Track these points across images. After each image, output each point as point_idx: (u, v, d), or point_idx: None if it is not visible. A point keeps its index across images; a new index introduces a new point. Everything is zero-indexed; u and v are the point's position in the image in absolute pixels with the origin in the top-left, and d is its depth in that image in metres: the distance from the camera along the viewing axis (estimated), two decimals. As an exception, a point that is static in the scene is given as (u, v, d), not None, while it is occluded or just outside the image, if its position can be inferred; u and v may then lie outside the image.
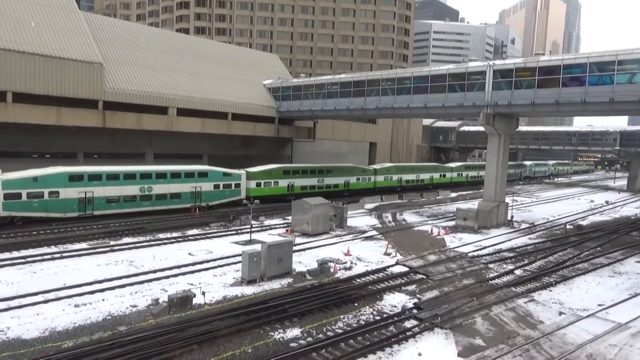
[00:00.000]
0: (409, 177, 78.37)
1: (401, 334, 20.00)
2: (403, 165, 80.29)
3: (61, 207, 39.66)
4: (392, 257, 33.37)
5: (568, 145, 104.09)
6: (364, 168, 71.00)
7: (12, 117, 43.49)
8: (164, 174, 46.15)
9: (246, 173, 53.64)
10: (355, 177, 68.20)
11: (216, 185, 50.11)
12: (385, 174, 73.78)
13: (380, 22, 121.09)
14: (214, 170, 50.18)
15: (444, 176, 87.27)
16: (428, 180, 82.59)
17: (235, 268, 28.70)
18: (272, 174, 56.83)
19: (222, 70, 66.61)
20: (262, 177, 55.64)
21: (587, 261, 34.12)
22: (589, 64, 39.26)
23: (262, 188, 55.31)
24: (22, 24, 45.85)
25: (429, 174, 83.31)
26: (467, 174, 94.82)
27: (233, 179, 51.87)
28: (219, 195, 50.57)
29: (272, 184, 56.52)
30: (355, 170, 69.02)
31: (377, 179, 71.90)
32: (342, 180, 65.89)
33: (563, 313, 23.42)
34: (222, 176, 50.75)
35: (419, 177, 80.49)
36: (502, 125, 47.00)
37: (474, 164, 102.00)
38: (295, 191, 58.94)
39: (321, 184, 62.58)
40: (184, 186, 47.47)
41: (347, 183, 66.60)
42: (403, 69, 60.48)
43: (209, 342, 18.40)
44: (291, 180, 58.96)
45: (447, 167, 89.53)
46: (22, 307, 21.51)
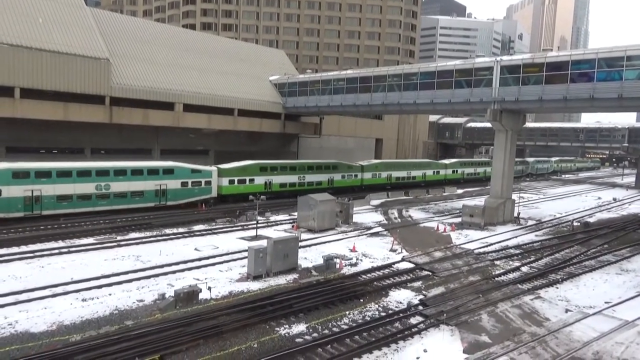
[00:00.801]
0: (400, 174, 75.07)
1: (406, 330, 20.01)
2: (393, 161, 77.48)
3: (4, 207, 36.63)
4: (397, 253, 33.34)
5: (576, 142, 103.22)
6: (349, 164, 67.61)
7: (20, 112, 43.76)
8: (123, 170, 43.39)
9: (218, 170, 50.81)
10: (340, 175, 65.06)
11: (184, 183, 47.12)
12: (373, 170, 70.69)
13: (387, 17, 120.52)
14: (181, 167, 47.20)
15: (437, 173, 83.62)
16: (420, 178, 79.23)
17: (241, 263, 28.80)
18: (248, 171, 53.79)
19: (229, 66, 66.61)
20: (236, 174, 52.54)
21: (594, 258, 33.92)
22: (598, 60, 38.91)
23: (235, 186, 52.29)
24: (29, 20, 46.03)
25: (421, 170, 79.84)
26: (463, 170, 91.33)
27: (203, 176, 48.92)
28: (187, 193, 47.57)
29: (248, 181, 53.40)
30: (340, 166, 65.71)
31: (364, 176, 68.89)
32: (325, 178, 62.85)
33: (569, 310, 23.32)
34: (190, 173, 47.75)
35: (410, 174, 77.12)
36: (509, 122, 46.71)
37: (470, 160, 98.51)
38: (274, 189, 56.35)
39: (302, 182, 59.80)
40: (146, 184, 44.64)
41: (331, 180, 63.45)
42: (410, 65, 60.35)
43: (215, 336, 18.50)
44: (269, 178, 55.95)
45: (441, 164, 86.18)
46: (30, 301, 21.72)
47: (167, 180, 46.14)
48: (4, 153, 47.04)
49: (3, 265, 27.03)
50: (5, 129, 45.94)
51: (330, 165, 64.60)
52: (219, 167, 51.92)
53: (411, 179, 77.26)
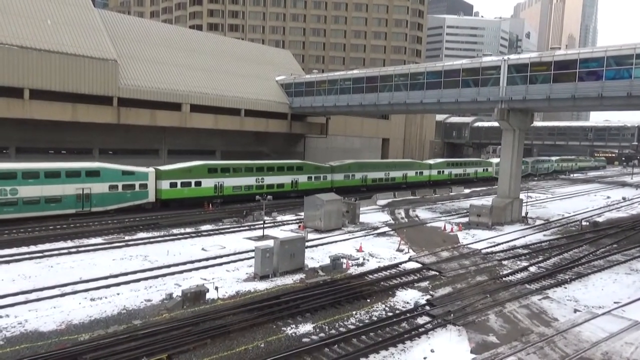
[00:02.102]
0: (376, 175, 69.90)
1: (413, 331, 19.97)
2: (368, 161, 72.37)
3: None
4: (404, 253, 33.27)
5: (584, 141, 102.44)
6: (317, 165, 62.53)
7: (29, 113, 44.15)
8: (35, 172, 38.50)
9: (155, 171, 46.01)
10: (305, 176, 59.97)
11: (112, 187, 42.59)
12: (345, 171, 65.57)
13: (393, 17, 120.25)
14: (109, 168, 42.77)
15: (420, 174, 77.99)
16: (400, 179, 73.77)
17: (248, 263, 28.88)
18: (193, 172, 48.73)
19: (235, 67, 66.79)
20: (178, 176, 47.57)
21: (603, 258, 33.67)
22: (607, 58, 38.59)
23: (178, 189, 47.34)
24: (38, 22, 46.44)
25: (401, 171, 74.37)
26: (450, 171, 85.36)
27: (137, 179, 44.31)
28: (117, 198, 43.05)
29: (193, 184, 48.47)
30: (306, 167, 60.76)
31: (334, 178, 63.86)
32: (288, 180, 57.95)
33: (578, 310, 23.17)
34: (120, 175, 43.22)
35: (388, 176, 71.69)
36: (517, 121, 46.46)
37: (459, 160, 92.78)
38: (226, 193, 51.39)
39: (261, 184, 54.56)
40: (65, 188, 39.80)
41: (295, 183, 58.58)
42: (416, 65, 60.14)
43: (222, 336, 18.56)
44: (220, 180, 50.74)
45: (425, 164, 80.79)
46: (39, 300, 21.92)
47: (92, 183, 41.44)
48: (14, 154, 47.54)
49: (13, 265, 27.30)
50: (14, 129, 46.41)
51: (294, 166, 59.49)
52: (158, 168, 47.23)
53: (390, 180, 71.94)
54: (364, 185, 67.56)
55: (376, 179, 69.84)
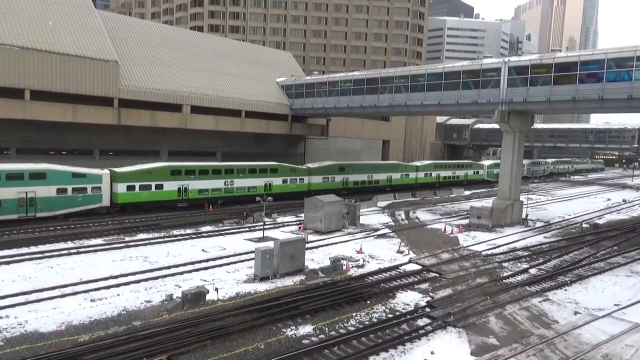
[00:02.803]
0: (358, 177, 66.91)
1: (414, 332, 19.95)
2: (350, 163, 68.43)
3: None
4: (404, 255, 33.26)
5: (584, 143, 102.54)
6: (293, 167, 59.51)
7: (30, 114, 44.20)
8: None
9: (110, 173, 43.17)
10: (280, 179, 56.99)
11: (61, 190, 39.50)
12: (325, 173, 62.52)
13: (394, 18, 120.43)
14: (56, 170, 39.69)
15: (406, 176, 75.19)
16: (384, 182, 71.05)
17: (248, 265, 28.87)
18: (154, 175, 45.68)
19: (236, 68, 66.87)
20: (136, 179, 44.47)
21: (604, 260, 33.64)
22: (607, 60, 38.62)
23: (136, 193, 44.36)
24: (39, 23, 46.51)
25: (385, 173, 71.54)
26: (439, 174, 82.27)
27: (88, 181, 41.34)
28: (67, 202, 40.04)
29: (154, 187, 45.47)
30: (281, 170, 57.44)
31: (311, 181, 60.76)
32: (261, 182, 54.71)
33: (578, 313, 23.15)
34: (70, 177, 40.12)
35: (371, 178, 68.88)
36: (517, 123, 46.49)
37: (447, 162, 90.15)
38: (190, 196, 48.59)
39: (230, 187, 51.60)
40: (5, 191, 36.80)
41: (268, 186, 55.56)
42: (417, 66, 60.08)
43: (222, 337, 18.55)
44: (184, 183, 47.77)
45: (411, 166, 77.73)
46: (39, 301, 21.92)
47: (37, 186, 38.37)
48: (15, 154, 47.59)
49: (13, 266, 27.30)
50: (15, 130, 46.48)
51: (267, 168, 56.11)
52: (113, 169, 44.09)
53: (373, 183, 69.25)
54: (344, 189, 64.10)
55: (358, 182, 66.94)
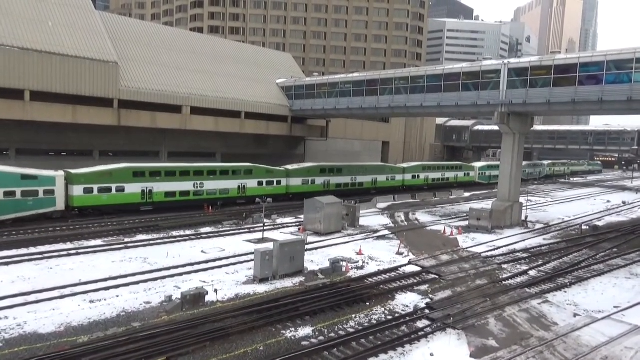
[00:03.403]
0: (341, 180, 64.62)
1: (413, 334, 19.94)
2: (331, 165, 65.59)
3: None
4: (404, 256, 33.25)
5: (584, 145, 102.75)
6: (269, 169, 56.60)
7: (30, 115, 44.18)
8: None
9: (65, 175, 40.60)
10: (255, 181, 54.22)
11: (9, 193, 36.64)
12: (304, 175, 59.95)
13: (394, 20, 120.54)
14: (3, 172, 36.88)
15: (392, 179, 73.00)
16: (369, 184, 68.84)
17: (247, 266, 28.85)
18: (115, 177, 43.13)
19: (236, 69, 66.90)
20: (95, 181, 41.81)
21: (603, 262, 33.64)
22: (607, 62, 38.65)
23: (95, 196, 41.80)
24: (39, 24, 46.52)
25: (370, 176, 69.29)
26: (427, 176, 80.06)
27: (40, 184, 38.51)
28: (15, 206, 37.15)
29: (114, 189, 42.98)
30: (256, 171, 54.64)
31: (290, 183, 58.17)
32: (234, 185, 52.11)
33: (578, 315, 23.14)
34: (19, 180, 37.28)
35: (355, 180, 66.67)
36: (517, 125, 46.51)
37: (437, 164, 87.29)
38: (156, 199, 45.92)
39: (199, 189, 49.07)
40: None
41: (242, 188, 52.82)
42: (416, 68, 60.01)
43: (221, 339, 18.54)
44: (148, 185, 45.22)
45: (397, 168, 75.30)
46: (38, 302, 21.89)
47: None
48: (14, 155, 47.57)
49: (12, 267, 27.27)
50: (15, 131, 46.46)
51: (241, 170, 53.26)
52: (69, 171, 41.36)
53: (357, 185, 67.11)
54: (326, 192, 60.19)
55: (341, 185, 64.56)
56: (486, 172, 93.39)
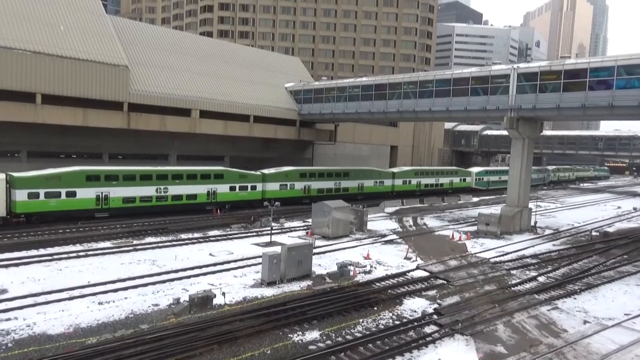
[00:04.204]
0: (322, 185, 60.90)
1: (421, 340, 19.83)
2: (313, 169, 62.27)
3: None
4: (412, 261, 33.12)
5: (594, 150, 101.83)
6: (243, 173, 52.42)
7: (41, 118, 44.69)
8: None
9: (7, 178, 37.15)
10: (227, 186, 50.44)
11: None
12: (282, 180, 56.46)
13: (403, 25, 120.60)
14: None
15: (380, 184, 69.01)
16: (355, 190, 64.94)
17: (255, 269, 28.88)
18: (65, 180, 39.73)
19: (245, 73, 67.23)
20: (42, 185, 38.46)
21: (614, 269, 33.28)
22: (617, 67, 38.38)
23: (41, 201, 38.61)
24: (51, 28, 47.11)
25: (356, 181, 65.45)
26: (419, 181, 76.05)
27: None
28: None
29: (64, 194, 39.63)
30: (228, 175, 50.42)
31: (267, 188, 54.39)
32: (203, 190, 48.42)
33: (588, 322, 22.90)
34: None
35: (339, 185, 62.97)
36: (526, 130, 46.27)
37: (430, 168, 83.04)
38: (112, 205, 42.35)
39: (163, 195, 45.47)
40: None
41: (212, 193, 49.32)
42: (425, 72, 60.00)
43: (229, 342, 18.55)
44: (104, 190, 41.79)
45: (387, 173, 71.48)
46: (48, 303, 22.04)
47: None
48: (25, 158, 48.09)
49: (22, 268, 27.52)
50: (26, 134, 47.00)
51: (211, 174, 49.55)
52: (11, 174, 38.25)
53: (341, 191, 63.16)
54: (307, 196, 58.24)
55: (323, 190, 60.89)
56: (484, 178, 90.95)
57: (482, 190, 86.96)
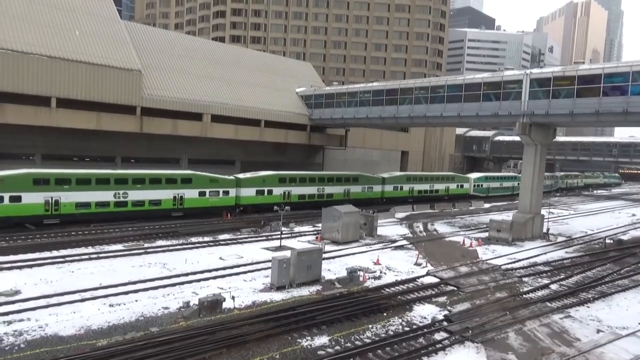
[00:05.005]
0: (305, 191, 57.54)
1: (430, 346, 19.68)
2: (295, 174, 57.85)
3: None
4: (422, 267, 32.93)
5: (608, 157, 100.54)
6: (213, 177, 49.26)
7: (56, 121, 45.33)
8: None
9: None
10: (195, 191, 47.52)
11: None
12: (259, 185, 52.92)
13: (415, 30, 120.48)
14: None
15: (369, 190, 65.55)
16: (340, 196, 61.40)
17: (265, 274, 28.92)
18: (8, 184, 36.71)
19: (256, 78, 67.60)
20: None
21: (628, 277, 32.76)
22: (632, 73, 37.94)
23: None
24: (67, 33, 47.83)
25: (342, 186, 62.04)
26: (412, 187, 72.06)
27: None
28: None
29: (7, 199, 36.66)
30: (196, 180, 47.53)
31: (241, 194, 50.99)
32: (168, 195, 45.47)
33: (601, 331, 22.55)
34: None
35: (322, 191, 59.46)
36: (539, 135, 45.86)
37: (424, 174, 78.67)
38: (63, 211, 39.53)
39: (122, 200, 42.52)
40: None
41: (179, 199, 46.17)
42: (437, 78, 59.75)
43: (238, 346, 18.57)
44: (53, 195, 38.85)
45: (376, 178, 67.58)
46: (60, 305, 22.27)
47: None
48: (40, 160, 48.75)
49: (35, 269, 27.84)
50: (41, 137, 47.66)
51: (177, 178, 46.40)
52: None
53: (325, 197, 59.71)
54: (287, 202, 53.66)
55: (305, 195, 57.58)
56: (483, 184, 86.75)
57: (481, 197, 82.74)
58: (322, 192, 59.74)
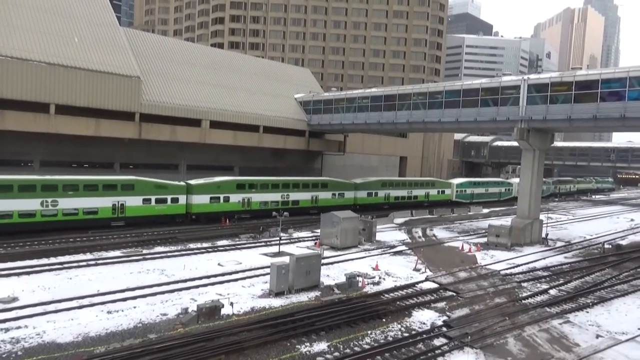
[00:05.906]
0: (268, 197, 54.09)
1: (430, 352, 19.63)
2: (256, 179, 54.20)
3: None
4: (421, 272, 32.89)
5: (606, 162, 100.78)
6: (160, 183, 45.97)
7: (54, 128, 45.32)
8: None
9: None
10: (139, 198, 44.22)
11: None
12: (214, 192, 49.24)
13: (412, 36, 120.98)
14: None
15: (340, 196, 61.75)
16: (307, 202, 58.14)
17: (263, 279, 28.85)
18: None
19: (255, 84, 67.75)
20: None
21: (627, 282, 32.73)
22: (629, 79, 38.11)
23: None
24: (66, 40, 47.93)
25: (310, 192, 58.57)
26: (388, 193, 68.50)
27: None
28: None
29: None
30: (139, 186, 44.18)
31: (193, 201, 47.60)
32: (106, 203, 42.21)
33: (600, 336, 22.51)
34: None
35: (287, 198, 55.81)
36: (537, 141, 45.98)
37: (401, 180, 75.54)
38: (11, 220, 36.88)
39: (51, 209, 38.93)
40: None
41: (119, 206, 42.68)
42: (435, 83, 59.91)
43: (236, 352, 18.50)
44: None
45: (347, 184, 63.50)
46: (57, 312, 22.18)
47: None
48: (38, 167, 48.70)
49: (33, 276, 27.75)
50: (39, 143, 47.62)
51: (117, 184, 42.85)
52: None
53: (290, 204, 55.82)
54: (247, 210, 51.79)
55: (267, 202, 53.76)
56: (466, 190, 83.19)
57: (464, 204, 79.76)
58: (286, 199, 55.98)
